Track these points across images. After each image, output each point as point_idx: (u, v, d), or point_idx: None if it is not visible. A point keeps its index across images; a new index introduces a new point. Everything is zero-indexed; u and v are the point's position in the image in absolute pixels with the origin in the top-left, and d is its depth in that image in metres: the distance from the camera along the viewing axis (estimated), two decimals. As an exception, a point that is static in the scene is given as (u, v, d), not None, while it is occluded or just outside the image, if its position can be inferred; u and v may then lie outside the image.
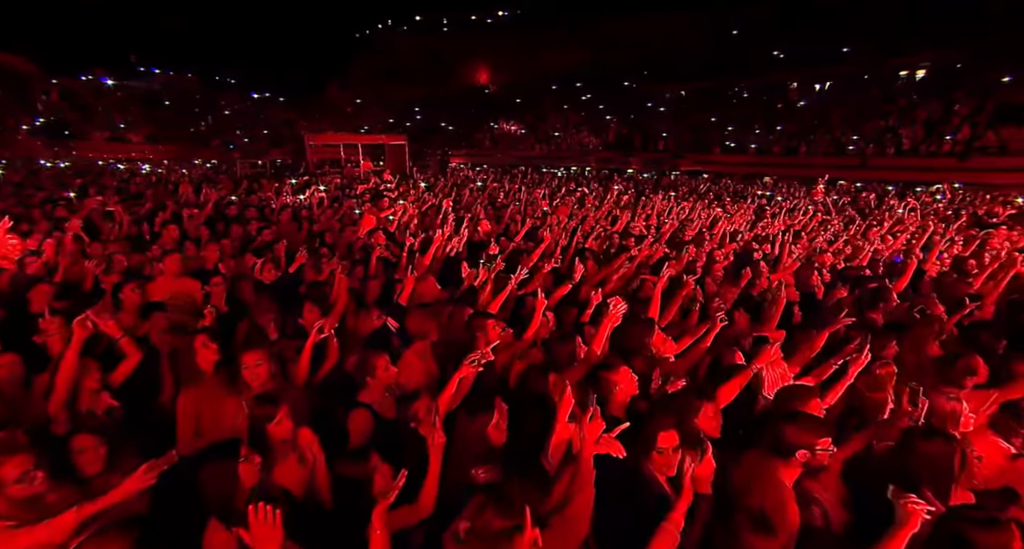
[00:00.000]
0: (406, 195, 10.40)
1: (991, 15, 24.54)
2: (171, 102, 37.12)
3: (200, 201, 8.97)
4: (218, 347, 2.80)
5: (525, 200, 9.50)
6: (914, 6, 27.46)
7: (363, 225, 5.89)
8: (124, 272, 4.49)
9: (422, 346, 3.12)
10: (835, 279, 4.70)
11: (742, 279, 4.29)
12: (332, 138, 20.44)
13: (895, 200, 10.39)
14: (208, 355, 2.74)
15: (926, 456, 1.89)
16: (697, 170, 24.07)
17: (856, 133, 22.72)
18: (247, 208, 8.55)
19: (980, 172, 18.17)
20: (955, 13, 25.91)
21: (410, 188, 12.55)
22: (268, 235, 5.86)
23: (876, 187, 17.20)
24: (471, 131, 35.97)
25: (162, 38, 42.27)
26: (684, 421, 2.06)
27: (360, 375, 2.63)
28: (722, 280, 4.25)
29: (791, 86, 28.75)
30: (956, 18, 25.82)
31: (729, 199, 12.08)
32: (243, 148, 30.20)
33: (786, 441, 1.87)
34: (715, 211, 8.77)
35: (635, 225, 7.24)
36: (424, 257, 4.90)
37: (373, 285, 4.22)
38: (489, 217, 7.97)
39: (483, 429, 2.04)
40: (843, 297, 4.01)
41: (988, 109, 20.74)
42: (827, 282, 4.73)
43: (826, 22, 30.03)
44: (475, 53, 42.95)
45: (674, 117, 29.90)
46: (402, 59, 44.72)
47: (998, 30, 23.76)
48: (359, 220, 6.20)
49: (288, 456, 2.40)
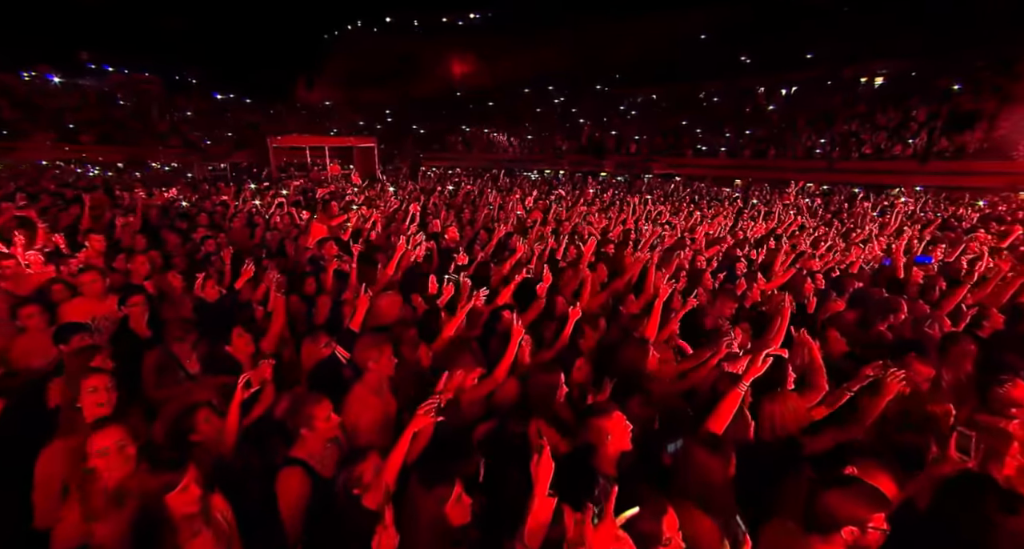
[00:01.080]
0: (372, 201, 9.81)
1: (939, 27, 25.71)
2: (126, 102, 35.23)
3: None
4: (114, 389, 2.25)
5: (498, 204, 9.05)
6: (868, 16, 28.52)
7: (311, 235, 5.30)
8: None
9: (376, 378, 2.62)
10: (827, 288, 4.42)
11: (738, 289, 3.95)
12: (297, 140, 19.54)
13: (867, 202, 10.42)
14: (96, 400, 2.18)
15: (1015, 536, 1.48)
16: (669, 173, 24.20)
17: (822, 137, 23.27)
18: (199, 214, 7.83)
19: (939, 175, 18.82)
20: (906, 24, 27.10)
21: (378, 193, 11.95)
22: (211, 245, 5.22)
23: (842, 190, 17.53)
24: (444, 134, 35.38)
25: (118, 36, 40.21)
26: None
27: (293, 424, 2.12)
28: (716, 291, 3.89)
29: (759, 90, 29.32)
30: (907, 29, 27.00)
31: (705, 202, 11.93)
32: (205, 150, 28.81)
33: (829, 513, 1.47)
34: (695, 214, 8.53)
35: (613, 229, 6.89)
36: (387, 268, 4.40)
37: (323, 303, 3.69)
38: (462, 223, 7.50)
39: (441, 506, 1.58)
40: (841, 310, 3.68)
41: (943, 115, 21.58)
42: (819, 291, 4.45)
43: (790, 28, 30.87)
44: (447, 55, 42.46)
45: (644, 120, 30.09)
46: (372, 61, 43.91)
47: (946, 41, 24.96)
48: (306, 229, 5.60)
49: (198, 534, 1.89)
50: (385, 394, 2.68)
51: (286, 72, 44.75)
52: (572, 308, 3.06)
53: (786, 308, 3.24)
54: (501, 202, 9.31)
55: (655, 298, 3.42)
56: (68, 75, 34.12)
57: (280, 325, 3.12)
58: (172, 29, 41.87)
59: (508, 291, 3.81)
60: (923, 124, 21.58)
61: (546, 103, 36.79)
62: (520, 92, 38.35)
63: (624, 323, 3.61)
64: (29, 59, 32.27)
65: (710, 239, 6.45)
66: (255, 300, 3.97)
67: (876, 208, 10.34)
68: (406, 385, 2.83)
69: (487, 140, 33.20)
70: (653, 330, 3.08)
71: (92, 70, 37.78)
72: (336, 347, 2.86)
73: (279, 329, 3.10)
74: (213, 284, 3.84)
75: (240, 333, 2.81)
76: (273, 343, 3.02)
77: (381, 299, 3.41)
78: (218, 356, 3.02)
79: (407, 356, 3.06)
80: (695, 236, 6.88)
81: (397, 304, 3.39)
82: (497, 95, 38.57)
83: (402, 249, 4.32)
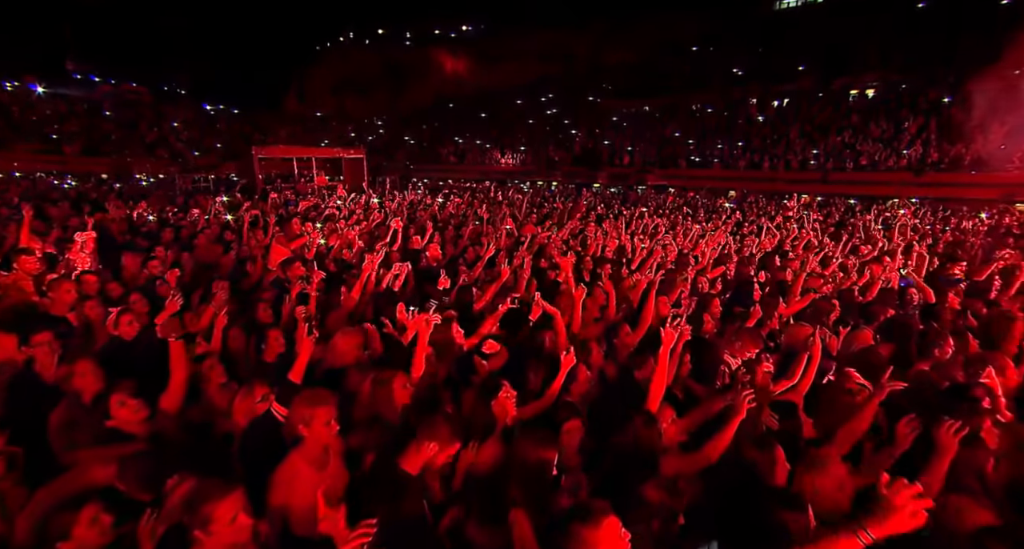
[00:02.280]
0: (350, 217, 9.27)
1: (927, 41, 25.96)
2: (113, 112, 34.66)
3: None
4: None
5: (487, 219, 8.54)
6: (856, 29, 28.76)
7: (272, 257, 4.76)
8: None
9: (317, 447, 2.08)
10: (846, 315, 3.93)
11: (751, 319, 3.44)
12: (284, 151, 19.02)
13: (869, 215, 10.04)
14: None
15: None
16: (663, 184, 23.94)
17: (815, 148, 23.14)
18: (164, 228, 7.26)
19: (934, 187, 18.67)
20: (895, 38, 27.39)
21: (363, 206, 11.42)
22: (156, 266, 4.65)
23: (837, 201, 17.27)
24: (435, 145, 35.06)
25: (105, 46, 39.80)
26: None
27: (188, 523, 1.57)
28: (741, 329, 3.32)
29: (751, 102, 29.31)
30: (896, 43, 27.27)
31: (703, 214, 11.51)
32: (186, 161, 28.26)
33: None
34: (694, 227, 8.06)
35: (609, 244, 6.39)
36: (351, 293, 3.87)
37: (274, 338, 3.14)
38: (446, 239, 6.98)
39: None
40: (874, 346, 3.16)
41: (933, 127, 21.57)
42: (837, 319, 3.95)
43: (781, 41, 31.05)
44: (439, 67, 42.38)
45: (637, 132, 29.94)
46: (364, 72, 43.78)
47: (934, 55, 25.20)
48: (266, 250, 5.03)
49: None
50: (331, 467, 2.13)
51: (277, 83, 44.50)
52: (566, 354, 2.53)
53: (817, 345, 2.74)
54: (490, 216, 8.81)
55: (655, 331, 2.90)
56: (54, 85, 33.59)
57: (181, 378, 2.46)
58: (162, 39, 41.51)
59: (490, 323, 3.28)
60: (915, 136, 21.54)
61: (539, 114, 36.65)
62: (513, 103, 38.24)
63: (623, 361, 3.09)
64: (14, 70, 31.80)
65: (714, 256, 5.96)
66: (198, 332, 3.42)
67: (878, 220, 9.96)
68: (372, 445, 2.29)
69: (479, 152, 32.88)
70: (660, 388, 2.45)
71: (79, 81, 37.33)
72: (273, 403, 2.31)
73: (180, 384, 2.46)
74: (130, 319, 3.19)
75: (122, 400, 2.21)
76: (176, 401, 2.42)
77: (338, 338, 2.87)
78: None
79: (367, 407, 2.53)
80: (697, 252, 6.40)
81: (355, 343, 2.84)
82: (489, 106, 38.40)
83: (369, 270, 3.78)
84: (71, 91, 34.89)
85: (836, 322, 3.85)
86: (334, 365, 2.87)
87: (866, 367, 2.80)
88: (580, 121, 33.60)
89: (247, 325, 3.44)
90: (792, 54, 30.20)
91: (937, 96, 23.74)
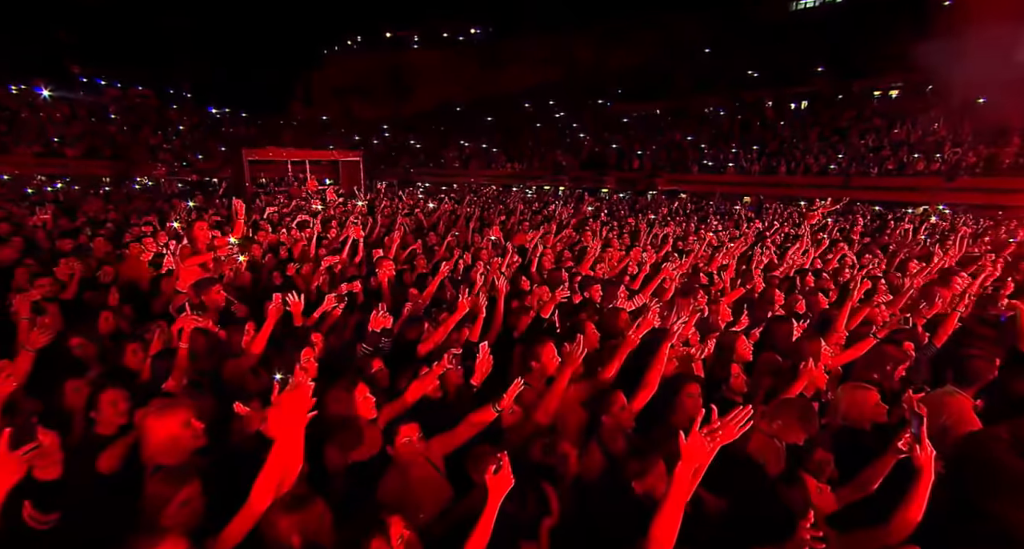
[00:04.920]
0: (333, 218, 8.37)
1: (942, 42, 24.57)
2: (118, 116, 34.48)
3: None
4: None
5: (473, 228, 7.52)
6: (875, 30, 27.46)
7: (182, 275, 3.80)
8: None
9: None
10: (930, 367, 2.87)
11: (795, 385, 2.40)
12: (275, 153, 18.27)
13: (907, 225, 8.87)
14: None
15: None
16: (674, 189, 22.80)
17: (836, 152, 21.86)
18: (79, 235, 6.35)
19: (968, 192, 17.36)
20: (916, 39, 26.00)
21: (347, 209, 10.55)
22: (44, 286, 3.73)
23: (861, 208, 16.00)
24: (440, 149, 34.27)
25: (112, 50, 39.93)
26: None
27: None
28: (767, 371, 2.32)
29: (767, 105, 28.09)
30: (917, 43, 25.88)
31: (718, 222, 10.42)
32: (172, 164, 27.93)
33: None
34: (708, 237, 6.99)
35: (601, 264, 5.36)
36: (260, 333, 2.89)
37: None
38: (419, 252, 6.01)
39: None
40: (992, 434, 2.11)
41: (966, 129, 20.21)
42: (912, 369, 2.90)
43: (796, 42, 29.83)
44: (445, 70, 41.80)
45: (647, 135, 28.84)
46: (370, 75, 43.39)
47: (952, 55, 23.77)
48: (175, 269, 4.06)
49: None
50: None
51: (283, 87, 44.29)
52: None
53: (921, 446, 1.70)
54: (478, 226, 7.81)
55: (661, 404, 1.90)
56: (59, 88, 33.52)
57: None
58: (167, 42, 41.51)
59: (412, 395, 2.27)
60: (945, 138, 20.19)
61: (546, 118, 35.72)
62: (520, 107, 37.39)
63: (612, 449, 2.05)
64: (20, 72, 31.82)
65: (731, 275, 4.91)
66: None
67: (920, 230, 8.80)
68: None
69: (484, 156, 32.01)
70: (673, 525, 1.45)
71: (84, 84, 37.37)
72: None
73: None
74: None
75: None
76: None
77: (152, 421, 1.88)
78: None
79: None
80: (712, 268, 5.35)
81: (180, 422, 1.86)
82: (496, 110, 37.58)
83: (274, 314, 2.78)
84: (76, 95, 34.83)
85: (904, 380, 2.79)
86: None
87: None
88: (587, 125, 32.62)
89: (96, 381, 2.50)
90: (808, 55, 28.94)
91: (971, 97, 22.27)
